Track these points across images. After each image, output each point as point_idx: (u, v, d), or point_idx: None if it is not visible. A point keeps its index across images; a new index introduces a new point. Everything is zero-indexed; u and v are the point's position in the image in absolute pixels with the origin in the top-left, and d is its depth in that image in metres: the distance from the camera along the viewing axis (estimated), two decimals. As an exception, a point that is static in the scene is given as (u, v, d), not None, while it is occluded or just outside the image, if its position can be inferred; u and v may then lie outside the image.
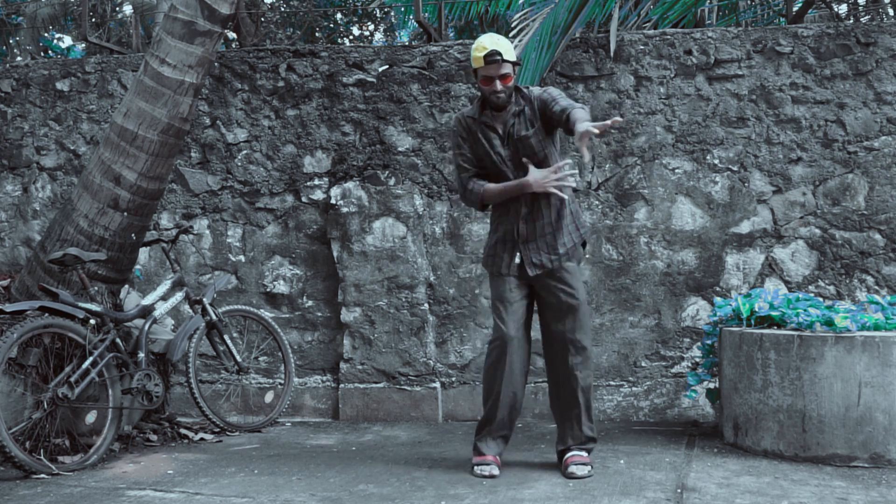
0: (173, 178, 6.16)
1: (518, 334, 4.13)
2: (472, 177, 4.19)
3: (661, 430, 5.16)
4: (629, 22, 6.78)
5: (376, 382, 5.81)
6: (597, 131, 3.65)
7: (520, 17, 5.88)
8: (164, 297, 5.13)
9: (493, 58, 4.00)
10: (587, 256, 5.68)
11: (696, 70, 5.65)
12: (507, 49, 4.05)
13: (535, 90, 4.17)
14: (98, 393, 4.71)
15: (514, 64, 4.08)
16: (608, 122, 3.69)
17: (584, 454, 4.07)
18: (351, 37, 13.42)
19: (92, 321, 4.60)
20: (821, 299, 4.99)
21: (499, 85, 4.04)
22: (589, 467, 4.00)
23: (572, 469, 3.97)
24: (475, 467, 4.08)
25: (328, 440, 5.14)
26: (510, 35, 5.85)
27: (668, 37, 5.71)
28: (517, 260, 4.13)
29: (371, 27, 13.47)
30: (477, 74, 4.10)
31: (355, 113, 6.02)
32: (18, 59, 12.53)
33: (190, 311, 5.55)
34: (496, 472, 4.03)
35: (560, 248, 4.10)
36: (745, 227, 5.58)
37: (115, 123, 5.00)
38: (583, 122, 3.80)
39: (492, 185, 4.13)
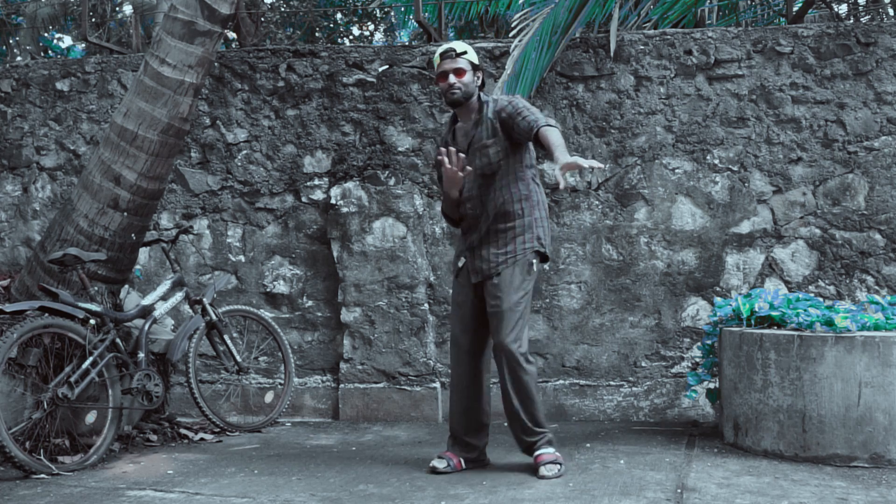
0: (173, 178, 6.16)
1: (463, 337, 4.17)
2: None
3: (661, 430, 5.16)
4: (629, 22, 6.78)
5: (376, 382, 5.81)
6: (585, 165, 3.61)
7: (520, 17, 5.89)
8: (164, 297, 5.13)
9: (447, 53, 4.13)
10: (588, 257, 5.69)
11: (696, 70, 5.65)
12: (465, 50, 4.15)
13: (502, 99, 4.16)
14: (98, 393, 4.71)
15: (473, 66, 4.13)
16: (594, 163, 3.67)
17: (551, 451, 4.05)
18: (351, 37, 13.42)
19: (92, 321, 4.60)
20: (821, 299, 4.99)
21: (452, 78, 4.09)
22: (559, 466, 3.99)
23: (542, 471, 3.96)
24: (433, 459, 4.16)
25: (328, 440, 5.14)
26: (510, 35, 5.85)
27: (668, 37, 5.71)
28: (460, 264, 4.19)
29: (371, 27, 13.47)
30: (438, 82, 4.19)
31: (355, 113, 6.02)
32: (18, 59, 12.53)
33: (190, 311, 5.55)
34: (439, 465, 4.08)
35: (500, 255, 4.07)
36: (745, 227, 5.58)
37: (115, 123, 5.00)
38: (561, 148, 3.76)
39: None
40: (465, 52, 4.14)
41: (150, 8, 11.22)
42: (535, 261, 4.10)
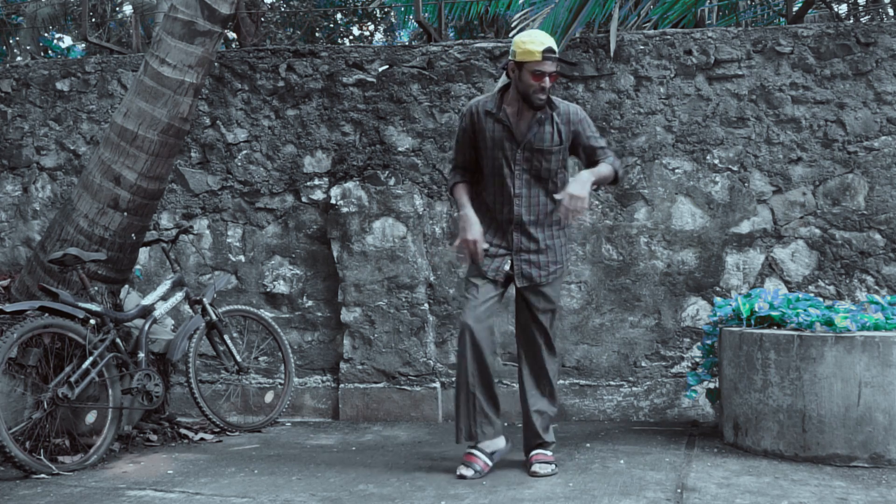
0: (173, 178, 6.17)
1: (478, 324, 4.04)
2: (457, 167, 4.22)
3: (661, 430, 5.16)
4: (629, 22, 6.78)
5: (376, 382, 5.82)
6: (584, 218, 3.81)
7: (520, 17, 5.90)
8: (164, 297, 5.13)
9: (550, 55, 3.93)
10: (588, 257, 5.69)
11: (696, 70, 5.65)
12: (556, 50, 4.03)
13: (572, 107, 4.12)
14: (98, 393, 4.71)
15: (558, 70, 4.04)
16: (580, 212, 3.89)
17: (549, 453, 4.12)
18: (351, 37, 13.43)
19: (92, 321, 4.60)
20: (821, 299, 4.99)
21: (547, 81, 3.95)
22: (552, 466, 4.04)
23: (535, 468, 4.00)
24: (459, 466, 4.08)
25: (328, 440, 5.14)
26: (510, 35, 5.85)
27: (668, 37, 5.71)
28: (506, 267, 4.07)
29: (371, 27, 13.48)
30: (520, 69, 3.94)
31: (355, 113, 6.02)
32: (18, 59, 12.53)
33: (190, 311, 5.55)
34: (467, 472, 3.99)
35: (552, 265, 4.10)
36: (745, 227, 5.58)
37: (115, 123, 5.00)
38: (587, 174, 3.95)
39: (460, 191, 4.15)
40: (555, 53, 3.98)
41: (150, 8, 11.23)
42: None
